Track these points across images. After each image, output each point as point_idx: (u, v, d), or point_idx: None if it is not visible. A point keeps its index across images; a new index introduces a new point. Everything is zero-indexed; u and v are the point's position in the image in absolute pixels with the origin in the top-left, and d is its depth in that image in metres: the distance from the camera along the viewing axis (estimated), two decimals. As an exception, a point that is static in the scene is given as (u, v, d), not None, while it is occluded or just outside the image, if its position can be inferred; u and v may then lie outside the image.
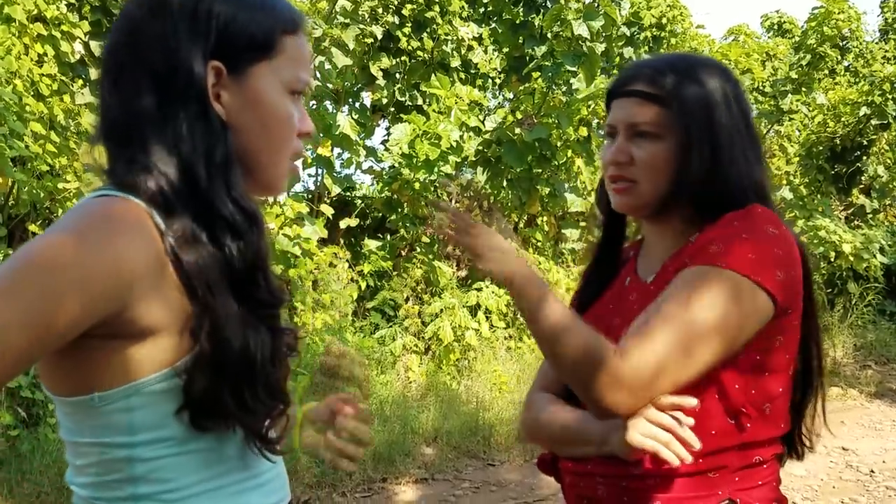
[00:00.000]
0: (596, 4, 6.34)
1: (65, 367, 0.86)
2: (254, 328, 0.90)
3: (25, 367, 0.79)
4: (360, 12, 6.20)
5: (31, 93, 4.45)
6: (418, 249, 6.86)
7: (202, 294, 0.86)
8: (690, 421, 1.06)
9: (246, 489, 0.95)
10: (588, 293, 1.37)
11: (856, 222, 9.92)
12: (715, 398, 1.13)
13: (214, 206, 0.87)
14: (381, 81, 7.37)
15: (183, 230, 0.86)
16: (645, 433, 1.05)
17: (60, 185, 4.58)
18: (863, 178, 9.92)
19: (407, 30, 7.43)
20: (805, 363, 1.24)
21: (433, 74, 7.13)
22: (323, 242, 6.25)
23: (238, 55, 0.91)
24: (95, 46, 5.47)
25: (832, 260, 8.07)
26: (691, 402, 1.06)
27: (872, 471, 4.63)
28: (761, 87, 10.26)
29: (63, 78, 4.85)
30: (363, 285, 6.48)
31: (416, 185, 6.43)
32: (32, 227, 4.81)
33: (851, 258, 8.05)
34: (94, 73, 5.48)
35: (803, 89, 9.34)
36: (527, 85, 6.99)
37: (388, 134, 7.29)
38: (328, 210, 6.42)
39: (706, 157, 1.17)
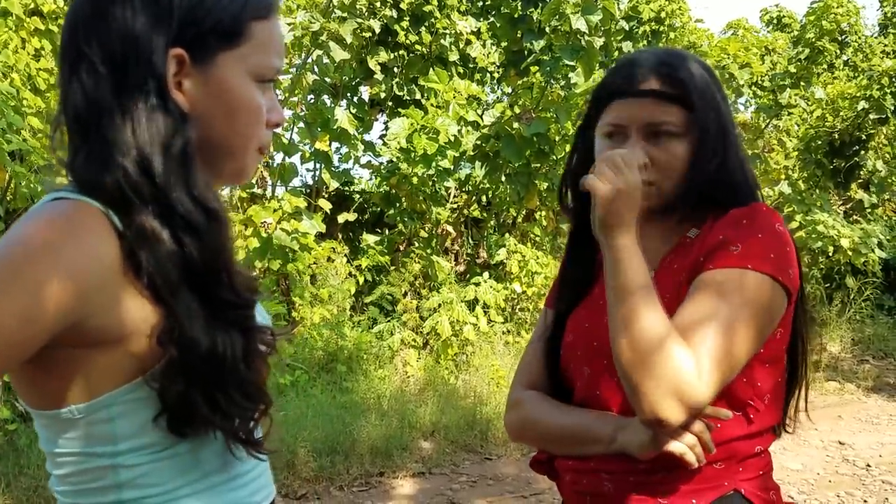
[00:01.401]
0: (594, -2, 6.32)
1: (40, 381, 0.85)
2: (222, 330, 0.86)
3: None
4: (357, 6, 6.19)
5: (29, 87, 4.44)
6: (416, 244, 6.86)
7: (163, 295, 0.83)
8: (718, 425, 1.09)
9: (231, 488, 0.94)
10: (573, 288, 1.32)
11: (854, 217, 9.92)
12: (723, 393, 1.13)
13: (171, 201, 0.83)
14: (379, 76, 7.36)
15: (140, 229, 0.82)
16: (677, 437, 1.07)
17: (58, 180, 4.57)
18: (861, 172, 9.92)
19: (405, 24, 7.42)
20: (792, 352, 1.25)
21: (431, 69, 7.12)
22: (321, 237, 6.25)
23: (202, 42, 0.86)
24: (93, 40, 5.46)
25: (830, 254, 8.07)
26: (726, 414, 1.09)
27: (869, 465, 4.64)
28: (760, 82, 10.24)
29: (60, 72, 4.84)
30: (361, 280, 6.48)
31: (415, 180, 6.43)
32: (30, 222, 4.80)
33: (850, 253, 8.05)
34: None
35: (802, 84, 9.32)
36: (525, 79, 6.98)
37: (386, 128, 7.29)
38: (326, 205, 6.42)
39: (720, 152, 1.18)
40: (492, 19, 7.82)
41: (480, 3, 8.13)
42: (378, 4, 7.04)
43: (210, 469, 0.91)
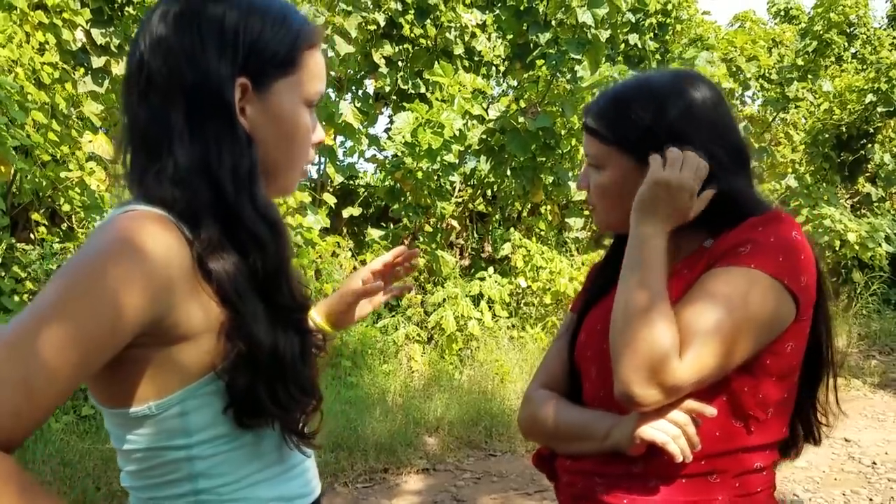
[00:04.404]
0: (601, -9, 6.28)
1: (116, 381, 0.90)
2: (282, 330, 0.95)
3: (80, 382, 0.81)
4: (362, 0, 6.16)
5: (33, 81, 4.43)
6: (421, 238, 6.85)
7: (232, 299, 0.90)
8: (701, 421, 1.08)
9: (287, 479, 1.02)
10: (593, 292, 1.36)
11: (861, 211, 9.88)
12: (724, 400, 1.13)
13: (240, 217, 0.91)
14: (383, 69, 7.33)
15: (210, 240, 0.90)
16: (655, 426, 1.08)
17: (63, 174, 4.58)
18: (869, 166, 9.88)
19: (410, 17, 7.39)
20: (816, 363, 1.23)
21: (436, 62, 7.08)
22: (325, 232, 6.24)
23: (263, 71, 0.94)
24: (97, 34, 5.45)
25: (837, 249, 8.04)
26: (711, 411, 1.08)
27: (874, 462, 4.62)
28: (767, 75, 10.19)
29: (65, 66, 4.83)
30: (366, 274, 6.46)
31: (419, 174, 6.41)
32: (35, 216, 4.81)
33: (857, 247, 8.02)
34: (95, 62, 5.46)
35: (809, 76, 9.28)
36: (531, 73, 6.95)
37: (391, 122, 7.27)
38: (331, 199, 6.41)
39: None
40: (497, 12, 7.78)
41: (486, -4, 8.08)
42: (383, -2, 7.01)
43: (270, 460, 0.99)
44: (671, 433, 1.07)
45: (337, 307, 1.36)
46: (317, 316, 1.35)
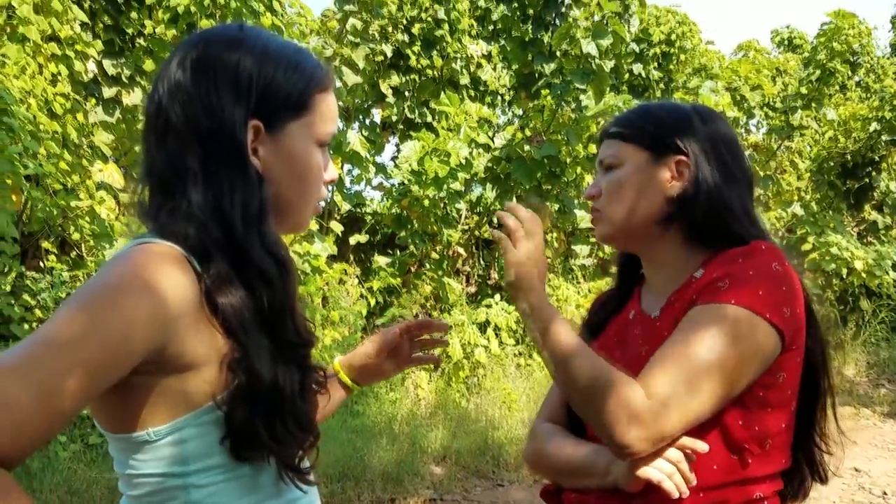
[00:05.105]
0: (605, 22, 6.36)
1: (119, 407, 0.92)
2: (283, 365, 0.97)
3: (82, 406, 0.83)
4: (370, 31, 6.24)
5: (45, 112, 4.50)
6: (427, 266, 6.87)
7: (236, 332, 0.93)
8: (695, 456, 1.09)
9: None
10: (594, 325, 1.40)
11: (868, 238, 9.87)
12: (717, 433, 1.14)
13: (248, 254, 0.94)
14: (390, 99, 7.42)
15: (218, 275, 0.93)
16: (651, 464, 1.09)
17: (73, 203, 4.62)
18: (874, 193, 9.88)
19: (416, 48, 7.48)
20: (812, 394, 1.24)
21: (442, 92, 7.16)
22: (332, 259, 6.26)
23: (275, 114, 0.97)
24: (108, 65, 5.53)
25: (844, 276, 8.02)
26: (703, 447, 1.09)
27: (885, 492, 4.57)
28: (771, 103, 10.25)
29: (76, 97, 4.90)
30: (372, 302, 6.48)
31: (426, 202, 6.45)
32: (45, 245, 4.84)
33: (864, 275, 8.00)
34: (106, 92, 5.54)
35: (813, 105, 9.32)
36: (536, 102, 7.01)
37: (398, 151, 7.33)
38: (338, 227, 6.44)
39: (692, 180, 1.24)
40: (502, 43, 7.87)
41: (491, 27, 8.19)
42: (390, 29, 7.10)
43: (267, 494, 1.00)
44: (666, 471, 1.09)
45: (360, 360, 1.37)
46: (340, 368, 1.36)
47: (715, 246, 1.22)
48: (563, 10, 7.04)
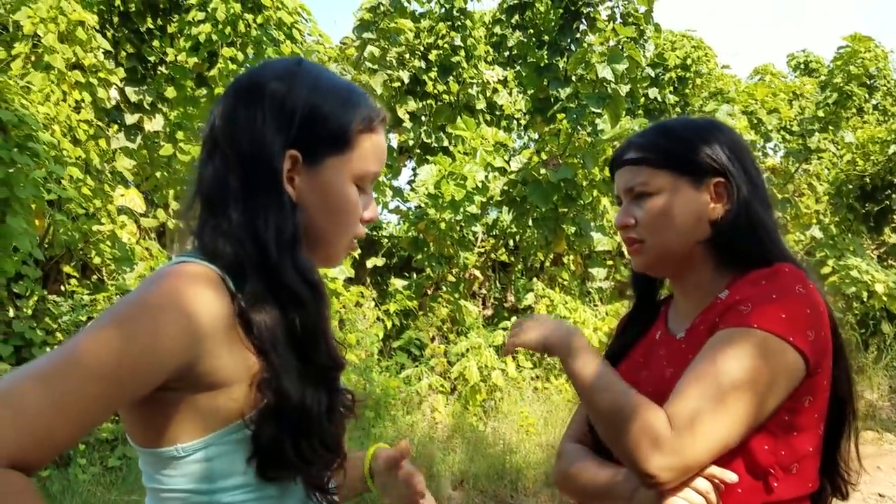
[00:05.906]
0: (620, 47, 6.40)
1: (149, 421, 0.94)
2: (312, 386, 0.98)
3: (105, 416, 0.84)
4: (387, 58, 6.33)
5: (69, 138, 4.58)
6: (444, 288, 6.88)
7: (267, 350, 0.95)
8: (724, 485, 1.08)
9: None
10: (619, 345, 1.40)
11: (888, 261, 9.76)
12: (741, 458, 1.12)
13: (281, 276, 0.97)
14: (407, 124, 7.49)
15: (252, 295, 0.95)
16: (680, 494, 1.08)
17: (95, 227, 4.69)
18: (894, 216, 9.79)
19: (433, 74, 7.56)
20: (839, 416, 1.23)
21: (459, 116, 7.22)
22: (350, 282, 6.29)
23: (315, 146, 1.00)
24: (130, 92, 5.64)
25: (865, 300, 7.93)
26: (732, 477, 1.08)
27: (912, 519, 4.48)
28: (789, 126, 10.22)
29: (99, 123, 4.99)
30: (389, 324, 6.49)
31: (443, 225, 6.48)
32: (67, 269, 4.91)
33: (885, 298, 7.90)
34: (129, 118, 5.64)
35: (831, 128, 9.29)
36: (552, 126, 7.05)
37: (415, 175, 7.37)
38: (355, 250, 6.47)
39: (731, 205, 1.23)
40: (518, 68, 7.93)
41: (507, 53, 8.26)
42: (407, 56, 7.19)
43: None
44: (694, 502, 1.07)
45: (377, 467, 1.31)
46: (365, 466, 1.31)
47: (740, 266, 1.21)
48: (578, 35, 7.10)
